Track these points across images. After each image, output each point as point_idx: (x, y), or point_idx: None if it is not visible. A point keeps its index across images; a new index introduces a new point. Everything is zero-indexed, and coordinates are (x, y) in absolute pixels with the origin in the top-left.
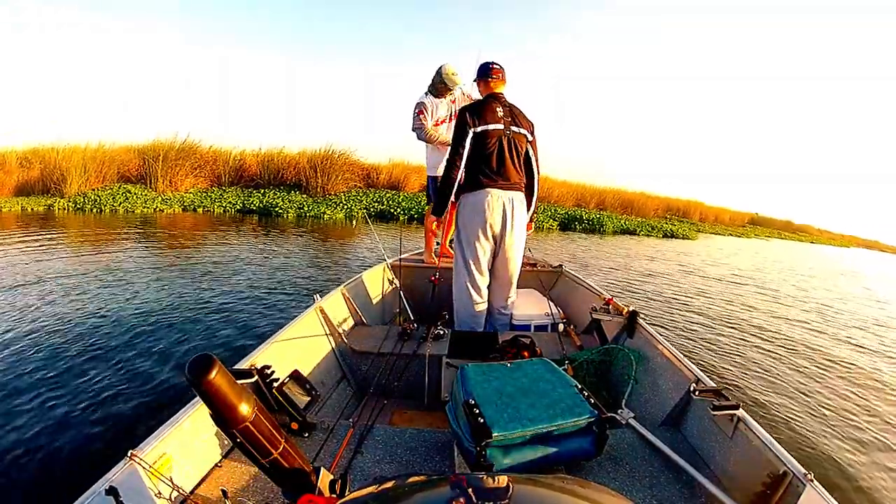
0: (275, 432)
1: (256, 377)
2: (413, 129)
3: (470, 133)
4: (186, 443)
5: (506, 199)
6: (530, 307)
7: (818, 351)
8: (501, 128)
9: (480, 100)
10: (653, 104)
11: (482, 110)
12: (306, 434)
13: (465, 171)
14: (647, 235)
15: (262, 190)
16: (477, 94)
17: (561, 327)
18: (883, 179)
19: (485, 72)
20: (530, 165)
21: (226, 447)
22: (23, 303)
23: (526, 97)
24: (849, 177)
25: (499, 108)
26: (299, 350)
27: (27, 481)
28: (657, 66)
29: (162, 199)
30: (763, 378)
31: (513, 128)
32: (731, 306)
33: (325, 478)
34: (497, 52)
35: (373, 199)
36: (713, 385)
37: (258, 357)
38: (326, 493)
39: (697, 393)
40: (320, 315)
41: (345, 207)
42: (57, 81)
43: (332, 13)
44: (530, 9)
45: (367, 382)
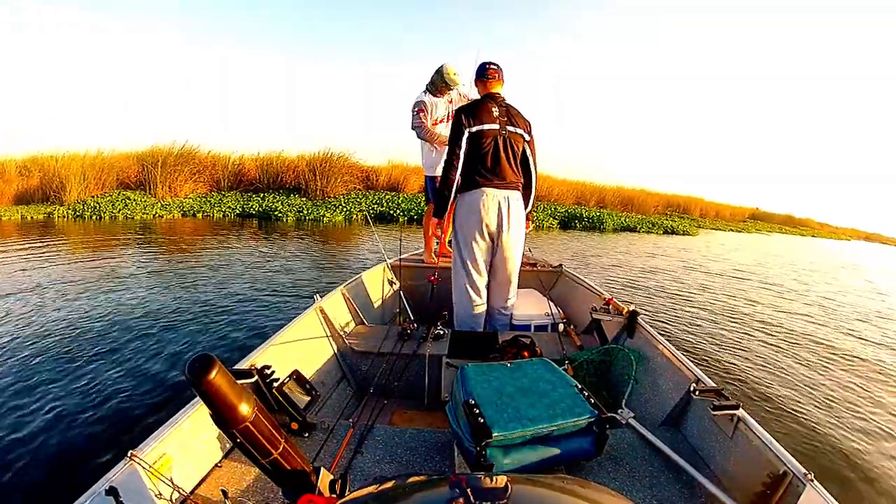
0: (275, 432)
1: (256, 377)
2: (413, 128)
3: (466, 133)
4: (186, 443)
5: (501, 198)
6: (530, 307)
7: (819, 348)
8: (497, 128)
9: (476, 100)
10: (653, 104)
11: (477, 110)
12: (306, 434)
13: (462, 172)
14: (648, 232)
15: (262, 194)
16: (476, 95)
17: (561, 327)
18: (884, 179)
19: (482, 72)
20: (527, 165)
21: (226, 447)
22: (23, 307)
23: (526, 97)
24: (849, 177)
25: (494, 108)
26: (299, 350)
27: (27, 481)
28: (657, 66)
29: (161, 205)
30: (764, 377)
31: (508, 127)
32: (732, 302)
33: (325, 478)
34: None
35: (372, 201)
36: (713, 385)
37: (258, 357)
38: (326, 493)
39: (697, 393)
40: (320, 315)
41: (344, 210)
42: (57, 81)
43: (333, 13)
44: (530, 9)
45: (367, 382)
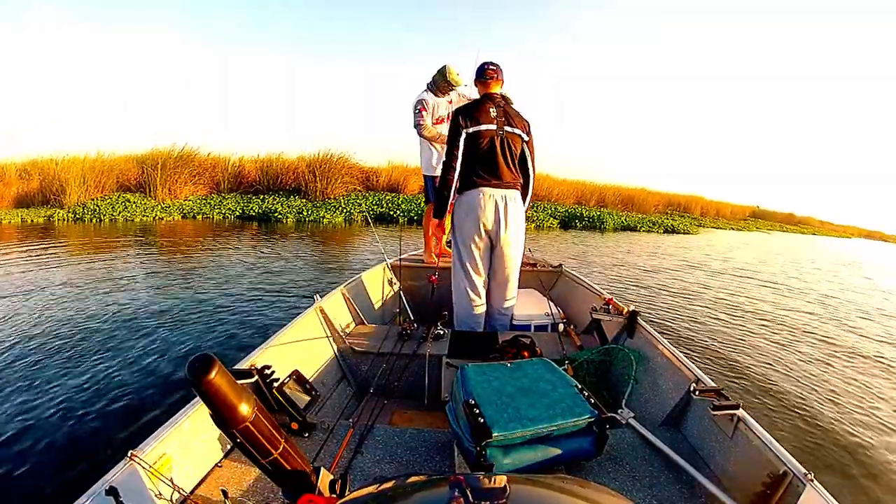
0: (275, 432)
1: (256, 377)
2: (414, 126)
3: (463, 134)
4: (186, 443)
5: (498, 198)
6: (530, 307)
7: (820, 346)
8: (494, 128)
9: (474, 101)
10: (653, 104)
11: (474, 111)
12: (306, 434)
13: (460, 172)
14: (648, 231)
15: (262, 196)
16: (476, 96)
17: (561, 327)
18: (884, 179)
19: (481, 72)
20: (526, 165)
21: (226, 447)
22: (24, 310)
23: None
24: (850, 176)
25: (492, 109)
26: (299, 350)
27: (28, 481)
28: (656, 67)
29: (161, 208)
30: (764, 377)
31: (506, 128)
32: (732, 301)
33: (325, 478)
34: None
35: (372, 202)
36: (713, 385)
37: (258, 357)
38: (326, 493)
39: (697, 393)
40: (320, 315)
41: (344, 211)
42: (57, 82)
43: (333, 13)
44: (530, 9)
45: (367, 382)
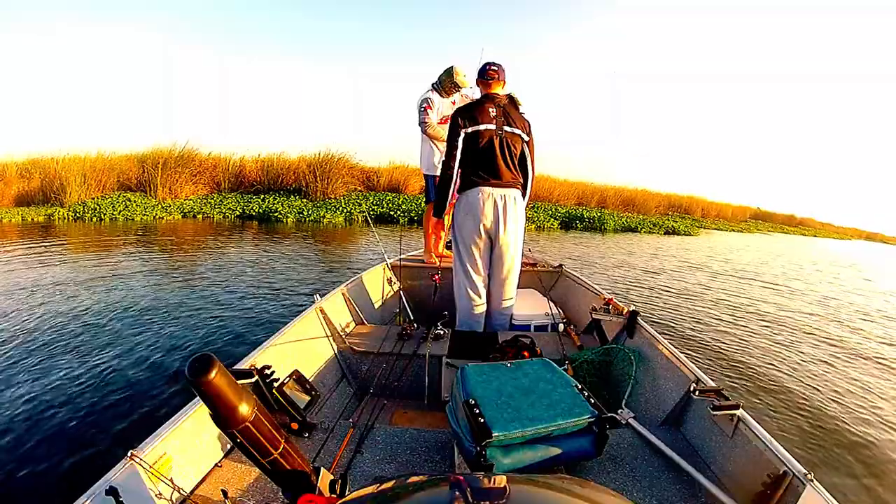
0: (275, 432)
1: (256, 377)
2: (419, 124)
3: (461, 134)
4: (186, 443)
5: (498, 197)
6: (530, 307)
7: (820, 348)
8: (493, 128)
9: (474, 101)
10: (654, 104)
11: (474, 111)
12: (306, 434)
13: (460, 172)
14: (649, 233)
15: (262, 195)
16: (478, 97)
17: (561, 327)
18: (885, 180)
19: (482, 73)
20: (525, 164)
21: (226, 447)
22: (24, 308)
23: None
24: (851, 178)
25: (492, 109)
26: (299, 350)
27: (28, 481)
28: (657, 66)
29: (162, 207)
30: (764, 377)
31: (506, 128)
32: (733, 302)
33: (325, 478)
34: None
35: (373, 202)
36: (713, 385)
37: (258, 357)
38: (326, 493)
39: (697, 393)
40: (320, 315)
41: (345, 211)
42: (57, 81)
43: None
44: (542, 8)
45: (368, 382)
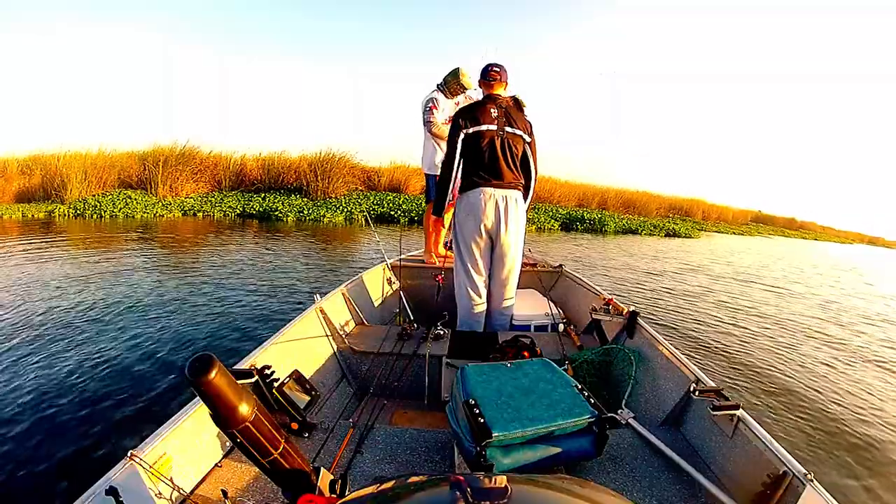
0: (275, 432)
1: (256, 377)
2: (424, 123)
3: (461, 135)
4: (186, 443)
5: (499, 198)
6: (530, 307)
7: (821, 350)
8: (494, 128)
9: (475, 101)
10: (655, 105)
11: (475, 112)
12: (306, 434)
13: (462, 173)
14: (650, 235)
15: (263, 194)
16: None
17: (561, 327)
18: (887, 184)
19: (485, 73)
20: (528, 166)
21: (226, 447)
22: (23, 306)
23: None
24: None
25: (493, 109)
26: (299, 350)
27: (28, 481)
28: (656, 67)
29: (162, 205)
30: (764, 377)
31: (507, 128)
32: (733, 304)
33: (325, 478)
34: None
35: (373, 202)
36: (713, 385)
37: (258, 357)
38: (326, 493)
39: (697, 393)
40: (320, 315)
41: (345, 210)
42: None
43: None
44: (541, 8)
45: (368, 382)
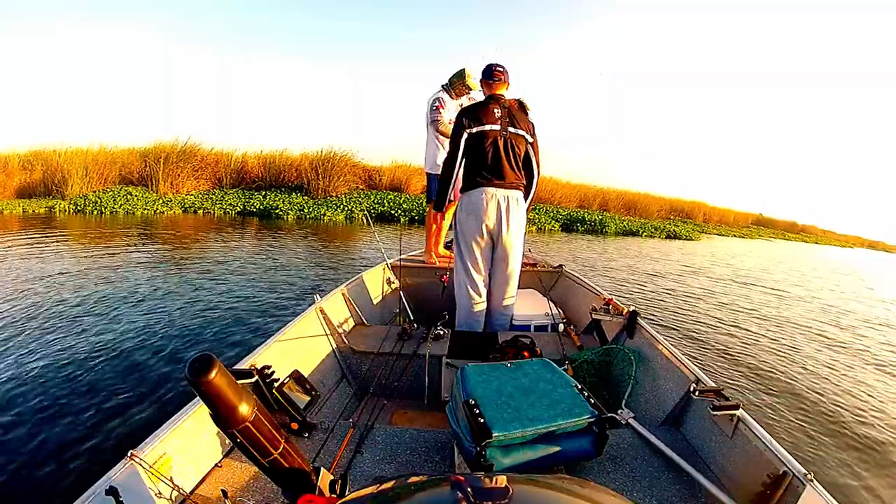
0: (275, 432)
1: (256, 377)
2: (431, 122)
3: (464, 134)
4: (186, 443)
5: (501, 198)
6: (530, 307)
7: (821, 351)
8: (497, 129)
9: (479, 101)
10: (656, 106)
11: (478, 112)
12: (306, 434)
13: (463, 172)
14: (650, 237)
15: (263, 192)
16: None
17: (561, 327)
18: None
19: (488, 73)
20: (530, 166)
21: (226, 447)
22: (23, 304)
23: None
24: (853, 184)
25: (496, 110)
26: (299, 350)
27: (27, 481)
28: (657, 67)
29: (163, 202)
30: (764, 378)
31: (510, 129)
32: (733, 306)
33: (325, 478)
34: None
35: (374, 201)
36: (713, 385)
37: (258, 357)
38: (326, 493)
39: (697, 393)
40: (320, 315)
41: (345, 209)
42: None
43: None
44: (541, 8)
45: (368, 382)
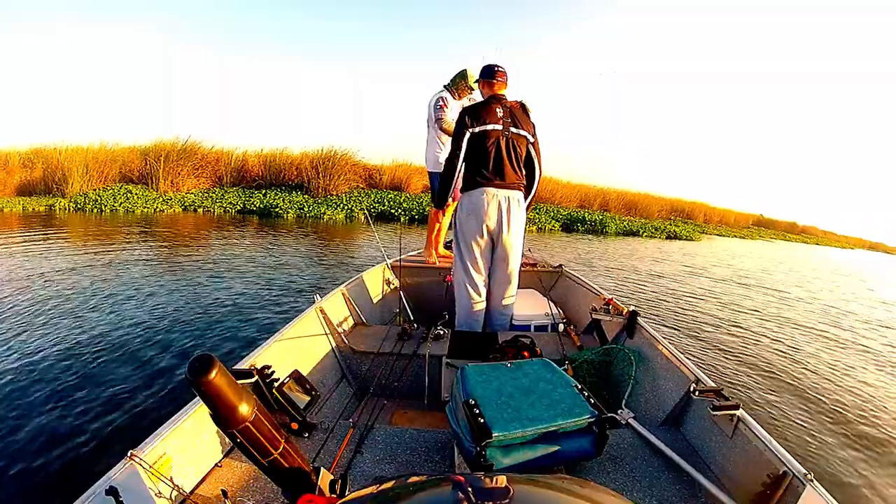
0: (275, 432)
1: (256, 377)
2: (434, 120)
3: (467, 134)
4: (186, 443)
5: (502, 198)
6: (530, 307)
7: (821, 352)
8: (500, 128)
9: (481, 101)
10: (657, 106)
11: (481, 111)
12: (306, 434)
13: (465, 172)
14: (651, 237)
15: (263, 190)
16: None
17: (561, 327)
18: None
19: (489, 73)
20: (532, 166)
21: (226, 447)
22: (22, 303)
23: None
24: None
25: (499, 109)
26: (299, 350)
27: (28, 481)
28: (657, 67)
29: (163, 200)
30: (764, 378)
31: (512, 129)
32: (733, 307)
33: (325, 478)
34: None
35: (374, 200)
36: (713, 385)
37: (258, 357)
38: (326, 493)
39: (697, 393)
40: (320, 315)
41: (345, 208)
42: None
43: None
44: (541, 8)
45: (367, 382)
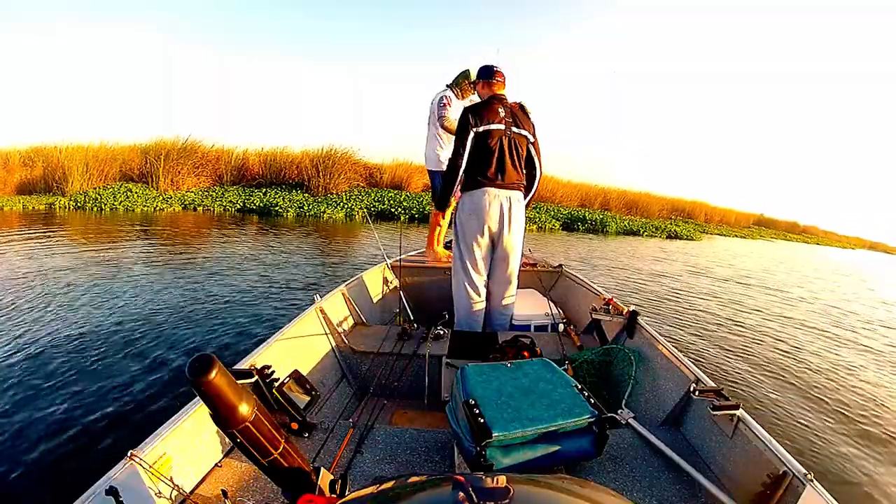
0: (275, 432)
1: (256, 377)
2: (437, 119)
3: (471, 133)
4: (186, 443)
5: (503, 199)
6: (530, 307)
7: (821, 352)
8: (502, 128)
9: (483, 101)
10: (657, 106)
11: (484, 111)
12: (306, 434)
13: (466, 171)
14: (651, 236)
15: (264, 189)
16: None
17: (561, 327)
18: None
19: (488, 73)
20: (532, 166)
21: (226, 447)
22: (22, 302)
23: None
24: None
25: (500, 109)
26: (299, 350)
27: (27, 481)
28: (658, 67)
29: (163, 198)
30: (764, 378)
31: (513, 129)
32: (733, 307)
33: (325, 478)
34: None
35: (374, 199)
36: (713, 385)
37: (258, 357)
38: (326, 493)
39: (697, 393)
40: (320, 315)
41: (345, 207)
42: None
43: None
44: (542, 9)
45: (367, 382)
